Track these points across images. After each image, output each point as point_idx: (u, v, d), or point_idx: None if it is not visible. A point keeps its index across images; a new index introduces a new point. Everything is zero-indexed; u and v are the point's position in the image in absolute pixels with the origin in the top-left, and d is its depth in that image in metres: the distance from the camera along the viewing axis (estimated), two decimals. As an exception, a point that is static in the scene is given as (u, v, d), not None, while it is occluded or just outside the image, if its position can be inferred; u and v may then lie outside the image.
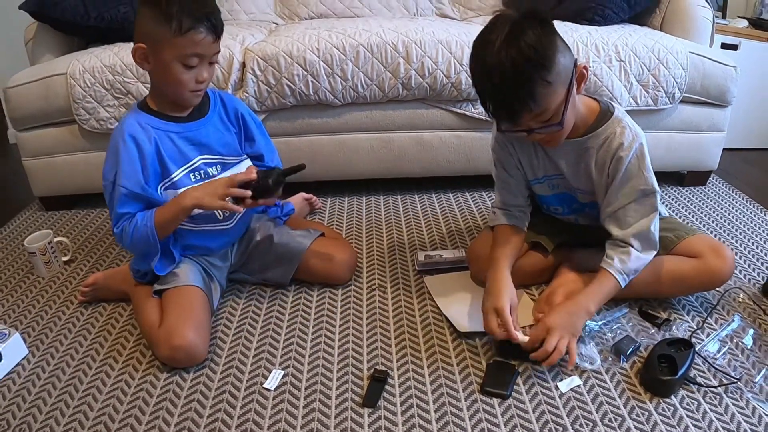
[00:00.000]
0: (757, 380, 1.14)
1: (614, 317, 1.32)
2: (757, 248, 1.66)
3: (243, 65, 1.82)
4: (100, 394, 1.16)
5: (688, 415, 1.06)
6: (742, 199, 2.00)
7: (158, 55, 1.19)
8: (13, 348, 1.26)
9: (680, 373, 1.11)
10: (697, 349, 1.21)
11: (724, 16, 2.75)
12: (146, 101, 1.30)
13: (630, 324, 1.31)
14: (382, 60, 1.80)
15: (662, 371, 1.12)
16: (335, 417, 1.08)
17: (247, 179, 1.23)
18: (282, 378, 1.18)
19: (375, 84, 1.83)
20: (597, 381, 1.15)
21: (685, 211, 1.91)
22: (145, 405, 1.13)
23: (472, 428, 1.05)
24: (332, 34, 1.83)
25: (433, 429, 1.05)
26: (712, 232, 1.76)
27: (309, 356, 1.24)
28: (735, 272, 1.48)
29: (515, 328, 1.17)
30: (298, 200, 1.82)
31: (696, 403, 1.09)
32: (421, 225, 1.84)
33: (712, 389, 1.12)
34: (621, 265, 1.20)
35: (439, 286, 1.47)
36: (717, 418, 1.06)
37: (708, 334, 1.28)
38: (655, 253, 1.24)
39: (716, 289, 1.39)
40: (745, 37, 2.40)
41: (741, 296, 1.42)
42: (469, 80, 1.78)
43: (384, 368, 1.19)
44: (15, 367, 1.25)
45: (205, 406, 1.12)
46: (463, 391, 1.14)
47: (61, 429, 1.08)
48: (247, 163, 1.42)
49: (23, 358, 1.27)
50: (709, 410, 1.07)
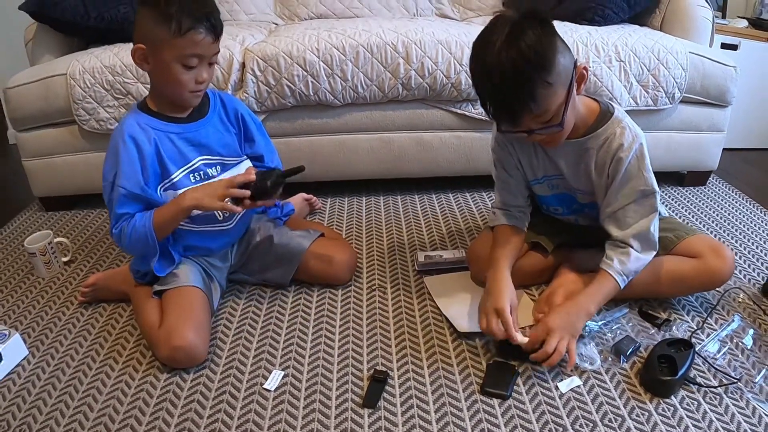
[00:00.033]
0: (757, 380, 1.14)
1: (614, 317, 1.32)
2: (757, 248, 1.66)
3: (243, 66, 1.82)
4: (100, 394, 1.16)
5: (688, 416, 1.06)
6: (742, 199, 2.00)
7: (158, 55, 1.19)
8: (13, 349, 1.26)
9: (680, 373, 1.11)
10: (697, 349, 1.21)
11: (723, 16, 2.75)
12: (146, 102, 1.30)
13: (630, 324, 1.31)
14: (382, 60, 1.80)
15: (662, 371, 1.12)
16: (335, 417, 1.08)
17: (246, 180, 1.23)
18: (282, 378, 1.18)
19: (375, 84, 1.83)
20: (597, 381, 1.15)
21: (685, 211, 1.91)
22: (145, 405, 1.13)
23: (472, 429, 1.05)
24: (332, 35, 1.83)
25: (433, 429, 1.05)
26: (712, 232, 1.76)
27: (309, 357, 1.24)
28: (735, 272, 1.48)
29: (515, 329, 1.18)
30: (298, 201, 1.82)
31: (696, 403, 1.09)
32: (421, 225, 1.84)
33: (712, 389, 1.12)
34: (620, 266, 1.20)
35: (439, 286, 1.47)
36: (717, 419, 1.06)
37: (708, 335, 1.28)
38: (654, 254, 1.25)
39: (716, 289, 1.39)
40: (745, 37, 2.40)
41: (741, 296, 1.42)
42: (469, 80, 1.78)
43: (384, 369, 1.19)
44: (15, 368, 1.25)
45: (205, 406, 1.12)
46: (463, 391, 1.14)
47: (61, 430, 1.08)
48: (247, 163, 1.42)
49: (23, 359, 1.27)
50: (709, 410, 1.07)
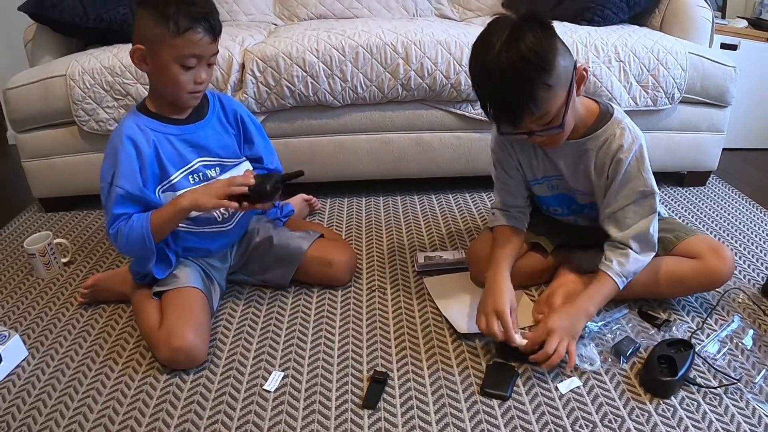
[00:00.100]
0: (756, 381, 1.14)
1: (614, 318, 1.32)
2: (756, 248, 1.66)
3: (242, 66, 1.82)
4: (100, 395, 1.16)
5: (687, 416, 1.06)
6: (742, 200, 2.00)
7: (156, 56, 1.19)
8: (13, 350, 1.26)
9: (680, 373, 1.11)
10: (696, 349, 1.21)
11: (723, 16, 2.75)
12: (145, 103, 1.30)
13: (630, 325, 1.31)
14: (381, 61, 1.80)
15: (662, 372, 1.12)
16: (335, 418, 1.08)
17: (244, 183, 1.22)
18: (282, 379, 1.18)
19: (374, 85, 1.83)
20: (597, 382, 1.15)
21: (685, 211, 1.91)
22: (145, 407, 1.13)
23: (472, 429, 1.05)
24: (332, 35, 1.83)
25: (433, 430, 1.05)
26: (711, 233, 1.76)
27: (309, 358, 1.24)
28: (735, 273, 1.48)
29: (515, 331, 1.18)
30: (297, 201, 1.82)
31: (696, 403, 1.09)
32: (420, 226, 1.84)
33: (712, 390, 1.12)
34: (619, 268, 1.20)
35: (439, 287, 1.47)
36: (717, 419, 1.06)
37: (708, 335, 1.28)
38: (653, 255, 1.24)
39: (716, 289, 1.39)
40: (745, 37, 2.40)
41: (741, 297, 1.42)
42: (469, 81, 1.78)
43: (384, 369, 1.19)
44: (15, 369, 1.25)
45: (205, 407, 1.12)
46: (463, 392, 1.14)
47: (61, 430, 1.08)
48: (246, 165, 1.42)
49: (23, 360, 1.27)
50: (708, 411, 1.07)
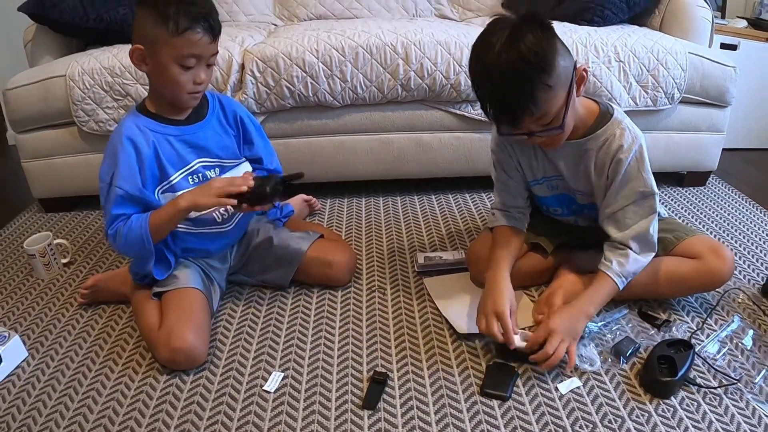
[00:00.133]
0: (756, 381, 1.14)
1: (614, 318, 1.32)
2: (756, 249, 1.66)
3: (242, 67, 1.82)
4: (100, 396, 1.16)
5: (687, 417, 1.06)
6: (742, 200, 2.00)
7: (156, 56, 1.19)
8: (13, 350, 1.26)
9: (680, 374, 1.11)
10: (696, 350, 1.21)
11: (723, 16, 2.75)
12: (145, 104, 1.30)
13: (630, 325, 1.31)
14: (381, 61, 1.80)
15: (662, 372, 1.12)
16: (335, 419, 1.08)
17: (244, 184, 1.22)
18: (282, 380, 1.18)
19: (374, 85, 1.83)
20: (597, 382, 1.15)
21: (685, 211, 1.91)
22: (144, 407, 1.13)
23: (472, 430, 1.05)
24: (331, 36, 1.83)
25: (433, 430, 1.05)
26: (711, 233, 1.76)
27: (309, 358, 1.24)
28: (734, 273, 1.48)
29: (514, 331, 1.17)
30: (297, 202, 1.82)
31: (696, 404, 1.09)
32: (420, 226, 1.84)
33: (712, 390, 1.12)
34: (619, 268, 1.20)
35: (439, 287, 1.47)
36: (717, 419, 1.06)
37: (708, 335, 1.28)
38: (653, 255, 1.24)
39: (716, 289, 1.39)
40: (745, 37, 2.40)
41: (740, 297, 1.42)
42: (468, 81, 1.78)
43: (384, 370, 1.19)
44: (15, 370, 1.25)
45: (205, 408, 1.12)
46: (463, 392, 1.14)
47: (60, 431, 1.08)
48: (246, 165, 1.42)
49: (23, 361, 1.27)
50: (708, 411, 1.07)
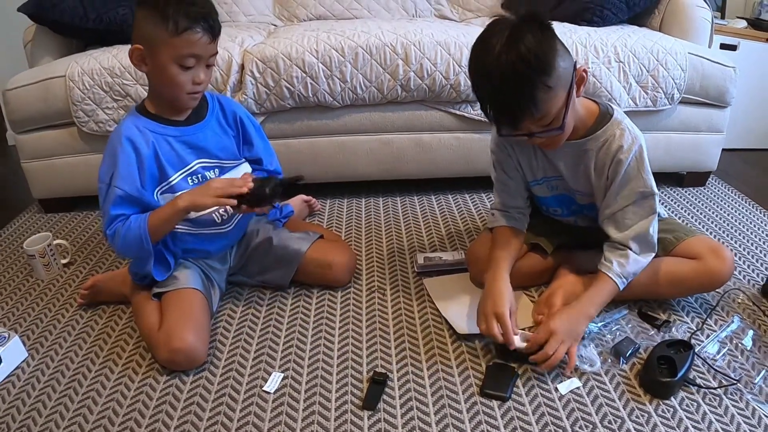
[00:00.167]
0: (756, 381, 1.14)
1: (614, 319, 1.32)
2: (756, 249, 1.66)
3: (242, 67, 1.82)
4: (100, 397, 1.16)
5: (687, 417, 1.06)
6: (742, 200, 2.00)
7: (155, 56, 1.19)
8: (13, 351, 1.25)
9: (680, 374, 1.11)
10: (696, 350, 1.21)
11: (722, 17, 2.75)
12: (144, 104, 1.30)
13: (629, 325, 1.31)
14: (381, 62, 1.80)
15: (662, 373, 1.12)
16: (335, 420, 1.08)
17: (244, 186, 1.21)
18: (281, 381, 1.18)
19: (374, 86, 1.83)
20: (596, 383, 1.15)
21: (685, 212, 1.91)
22: (144, 408, 1.13)
23: (471, 430, 1.05)
24: (331, 36, 1.83)
25: (433, 431, 1.05)
26: (711, 233, 1.76)
27: (308, 359, 1.24)
28: (734, 273, 1.48)
29: (514, 332, 1.17)
30: (297, 202, 1.81)
31: (695, 404, 1.09)
32: (420, 227, 1.84)
33: (712, 391, 1.12)
34: (620, 269, 1.20)
35: (439, 288, 1.47)
36: (716, 420, 1.06)
37: (707, 336, 1.28)
38: (653, 256, 1.24)
39: (716, 290, 1.38)
40: (744, 38, 2.40)
41: (740, 297, 1.42)
42: (468, 81, 1.78)
43: (383, 370, 1.19)
44: (15, 370, 1.25)
45: (205, 409, 1.12)
46: (463, 393, 1.14)
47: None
48: (246, 166, 1.42)
49: (23, 361, 1.27)
50: (708, 412, 1.08)
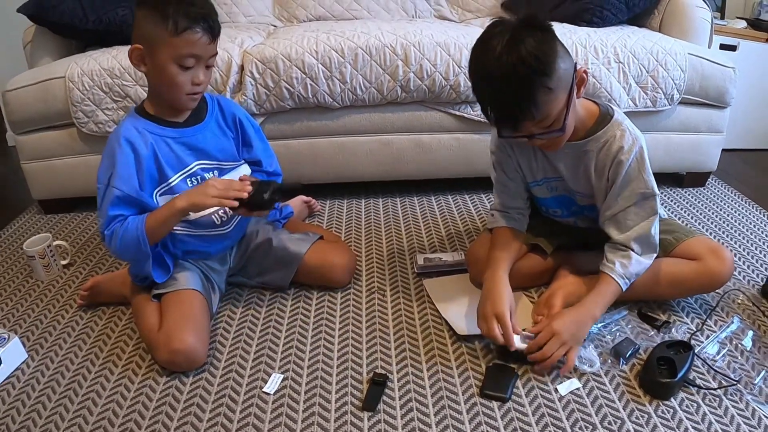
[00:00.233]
0: (756, 382, 1.14)
1: (613, 319, 1.32)
2: (756, 249, 1.66)
3: (241, 68, 1.82)
4: (100, 398, 1.16)
5: (687, 418, 1.06)
6: (741, 200, 2.00)
7: (154, 56, 1.18)
8: (13, 352, 1.25)
9: (679, 375, 1.11)
10: (696, 351, 1.21)
11: (722, 17, 2.75)
12: (143, 105, 1.30)
13: (629, 326, 1.31)
14: (380, 62, 1.80)
15: (662, 374, 1.12)
16: (335, 421, 1.08)
17: (242, 189, 1.21)
18: (281, 382, 1.18)
19: (374, 86, 1.83)
20: (596, 384, 1.15)
21: (684, 212, 1.91)
22: (144, 409, 1.13)
23: (471, 431, 1.05)
24: (331, 37, 1.83)
25: (433, 432, 1.05)
26: (711, 234, 1.76)
27: (308, 360, 1.24)
28: (734, 274, 1.48)
29: (514, 330, 1.17)
30: (297, 203, 1.82)
31: (695, 405, 1.09)
32: (420, 227, 1.84)
33: (712, 391, 1.12)
34: (622, 270, 1.20)
35: (439, 289, 1.47)
36: (716, 420, 1.06)
37: (707, 336, 1.28)
38: (655, 257, 1.24)
39: (715, 291, 1.38)
40: (744, 38, 2.40)
41: (740, 298, 1.42)
42: (468, 82, 1.79)
43: (383, 371, 1.19)
44: (14, 372, 1.24)
45: (205, 410, 1.12)
46: (463, 394, 1.14)
47: (60, 434, 1.08)
48: (245, 168, 1.42)
49: (22, 363, 1.27)
50: (708, 412, 1.08)
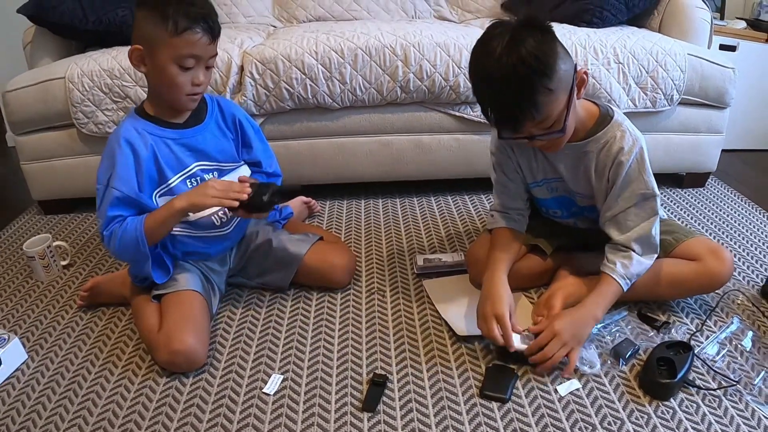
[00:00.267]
0: (756, 382, 1.15)
1: (613, 320, 1.32)
2: (756, 250, 1.66)
3: (241, 69, 1.82)
4: (100, 399, 1.16)
5: (687, 418, 1.07)
6: (741, 201, 2.00)
7: (155, 56, 1.19)
8: (13, 353, 1.25)
9: (679, 376, 1.11)
10: (696, 351, 1.21)
11: (722, 17, 2.75)
12: (143, 106, 1.30)
13: (629, 327, 1.31)
14: (380, 63, 1.80)
15: (661, 374, 1.12)
16: (335, 422, 1.08)
17: (242, 191, 1.21)
18: (281, 382, 1.18)
19: (373, 87, 1.83)
20: (596, 384, 1.15)
21: (684, 213, 1.92)
22: (144, 410, 1.13)
23: (471, 432, 1.05)
24: (330, 38, 1.83)
25: (433, 433, 1.05)
26: (710, 234, 1.76)
27: (308, 361, 1.24)
28: (734, 274, 1.48)
29: (514, 329, 1.18)
30: (296, 203, 1.82)
31: (695, 405, 1.09)
32: (419, 228, 1.84)
33: (711, 392, 1.12)
34: (623, 270, 1.20)
35: (438, 289, 1.47)
36: (716, 421, 1.06)
37: (707, 337, 1.28)
38: (656, 257, 1.25)
39: (715, 291, 1.38)
40: (744, 38, 2.41)
41: (740, 298, 1.42)
42: (468, 83, 1.79)
43: (383, 372, 1.19)
44: (14, 372, 1.25)
45: (205, 411, 1.12)
46: (463, 395, 1.14)
47: (60, 434, 1.08)
48: (245, 169, 1.42)
49: (22, 363, 1.27)
50: (708, 413, 1.08)
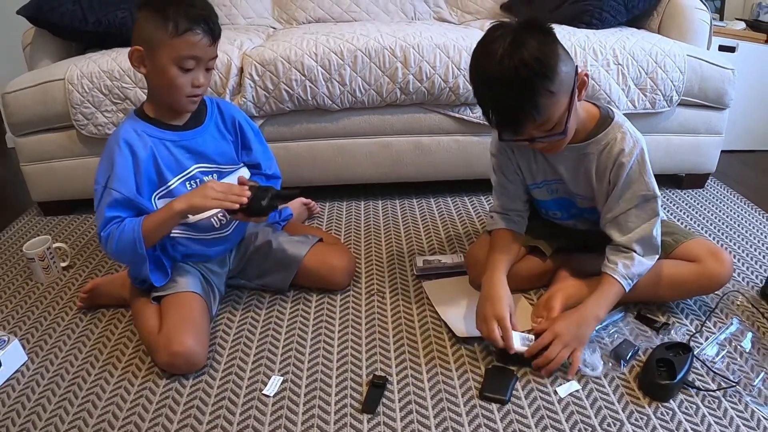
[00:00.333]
0: (755, 384, 1.15)
1: (613, 321, 1.32)
2: (755, 251, 1.66)
3: (241, 70, 1.82)
4: (100, 400, 1.16)
5: (686, 419, 1.07)
6: (741, 202, 2.00)
7: (155, 57, 1.19)
8: (13, 354, 1.26)
9: (679, 377, 1.11)
10: (695, 352, 1.21)
11: (721, 18, 2.75)
12: (143, 108, 1.30)
13: (628, 328, 1.31)
14: (380, 65, 1.80)
15: (661, 375, 1.12)
16: (334, 423, 1.08)
17: (242, 195, 1.20)
18: (281, 384, 1.18)
19: (373, 89, 1.83)
20: (596, 386, 1.15)
21: (684, 214, 1.92)
22: (144, 411, 1.13)
23: (471, 434, 1.05)
24: (330, 39, 1.83)
25: (433, 435, 1.05)
26: (710, 235, 1.76)
27: (308, 362, 1.24)
28: (733, 275, 1.48)
29: (514, 328, 1.18)
30: (296, 205, 1.82)
31: (695, 407, 1.09)
32: (419, 230, 1.84)
33: (711, 393, 1.12)
34: (625, 270, 1.20)
35: (438, 291, 1.47)
36: (715, 422, 1.06)
37: (706, 338, 1.28)
38: (657, 258, 1.25)
39: (715, 292, 1.38)
40: (743, 39, 2.41)
41: (739, 299, 1.42)
42: (467, 84, 1.79)
43: (383, 374, 1.19)
44: (14, 374, 1.25)
45: (205, 412, 1.12)
46: (462, 396, 1.14)
47: (60, 436, 1.08)
48: (244, 171, 1.42)
49: (22, 365, 1.27)
50: (707, 414, 1.08)
